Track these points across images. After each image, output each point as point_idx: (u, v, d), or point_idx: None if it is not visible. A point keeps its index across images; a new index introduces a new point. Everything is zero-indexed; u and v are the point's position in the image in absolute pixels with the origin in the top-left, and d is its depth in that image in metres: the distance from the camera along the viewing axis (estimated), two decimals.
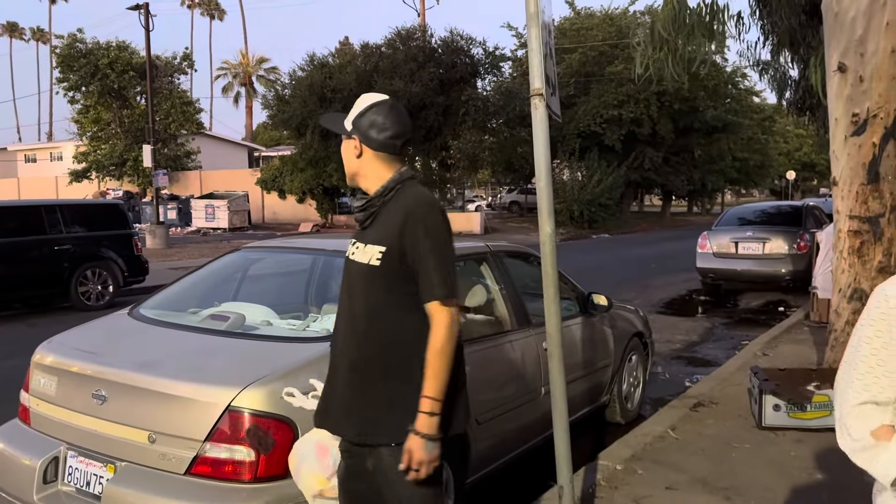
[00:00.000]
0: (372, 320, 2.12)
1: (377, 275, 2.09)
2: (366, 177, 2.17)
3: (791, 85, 10.84)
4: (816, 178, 55.90)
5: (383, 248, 2.08)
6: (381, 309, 2.11)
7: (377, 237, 2.10)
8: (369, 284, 2.11)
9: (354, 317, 2.13)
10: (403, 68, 23.42)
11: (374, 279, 2.10)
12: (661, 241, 23.82)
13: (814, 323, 8.24)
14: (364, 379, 2.11)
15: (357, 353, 2.12)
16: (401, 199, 2.11)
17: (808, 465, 4.03)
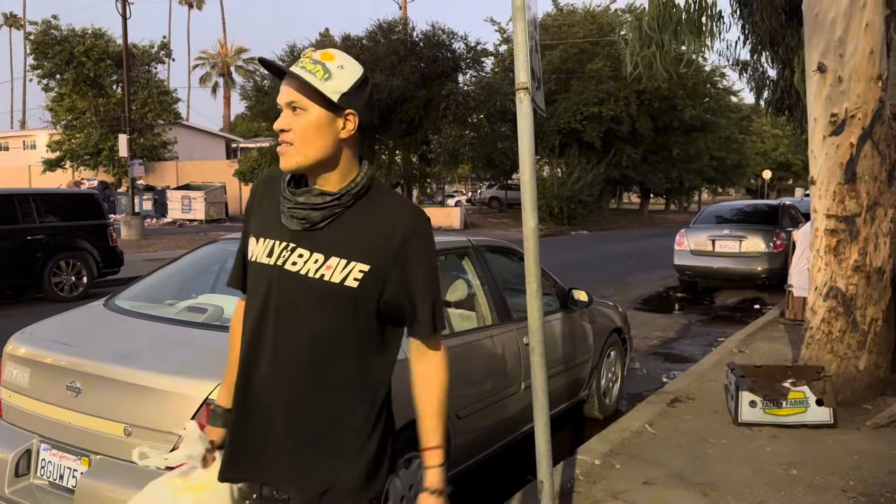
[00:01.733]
0: (326, 353, 1.63)
1: (348, 298, 1.60)
2: (335, 167, 1.63)
3: (769, 85, 10.97)
4: (792, 177, 56.67)
5: (366, 266, 1.60)
6: (342, 341, 1.63)
7: (350, 250, 1.60)
8: (332, 308, 1.61)
9: (295, 346, 1.62)
10: (384, 61, 23.33)
11: (342, 303, 1.61)
12: (639, 239, 24.01)
13: (789, 321, 8.35)
14: (311, 425, 1.65)
15: (300, 394, 1.64)
16: (383, 204, 1.66)
17: (784, 461, 4.07)
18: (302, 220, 1.60)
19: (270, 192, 1.71)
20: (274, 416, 1.65)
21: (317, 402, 1.63)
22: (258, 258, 1.66)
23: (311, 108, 1.57)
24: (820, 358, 5.13)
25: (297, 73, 1.56)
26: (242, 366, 1.70)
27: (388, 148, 26.17)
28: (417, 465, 3.27)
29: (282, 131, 1.58)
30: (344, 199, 1.61)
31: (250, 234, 1.71)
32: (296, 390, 1.63)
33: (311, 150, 1.58)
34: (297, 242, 1.62)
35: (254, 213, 1.74)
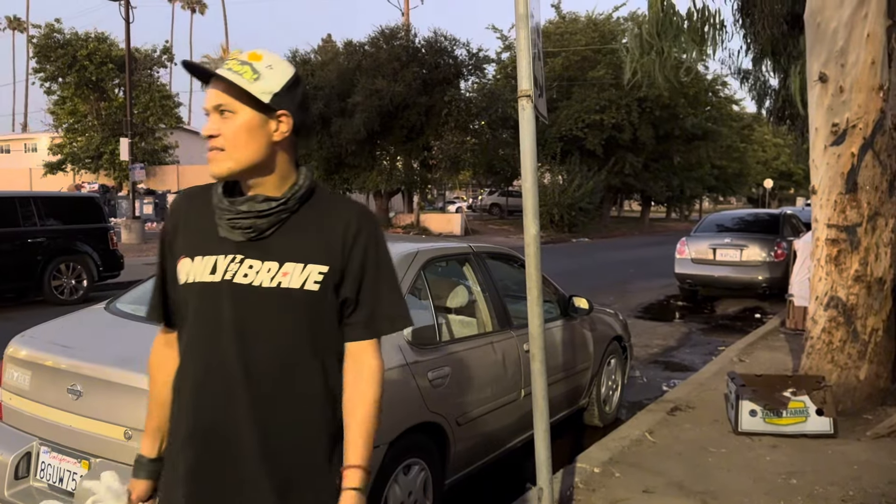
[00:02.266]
0: (290, 372, 1.50)
1: (311, 303, 1.51)
2: (270, 171, 1.53)
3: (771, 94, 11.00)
4: (793, 187, 56.71)
5: (324, 267, 1.52)
6: (307, 352, 1.52)
7: (305, 253, 1.52)
8: (295, 317, 1.51)
9: (258, 365, 1.49)
10: (386, 67, 23.35)
11: (305, 310, 1.51)
12: (640, 247, 24.01)
13: (790, 330, 8.34)
14: (288, 450, 1.52)
15: (272, 417, 1.50)
16: (329, 205, 1.59)
17: (783, 471, 4.06)
18: (247, 230, 1.50)
19: (197, 207, 1.59)
20: (242, 450, 1.49)
21: (290, 424, 1.52)
22: (197, 278, 1.52)
23: (241, 110, 1.48)
24: (820, 368, 5.13)
25: (224, 75, 1.47)
26: (191, 401, 1.52)
27: (390, 154, 26.18)
28: (416, 471, 3.27)
29: (210, 137, 1.49)
30: (290, 202, 1.53)
31: (180, 256, 1.56)
32: (267, 414, 1.50)
33: (244, 155, 1.49)
34: (244, 253, 1.51)
35: (180, 232, 1.59)
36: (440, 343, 3.54)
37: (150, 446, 1.66)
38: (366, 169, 25.17)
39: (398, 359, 3.18)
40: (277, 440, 1.51)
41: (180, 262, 1.55)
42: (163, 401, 1.63)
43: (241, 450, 1.49)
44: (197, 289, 1.52)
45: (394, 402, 3.11)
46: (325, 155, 24.66)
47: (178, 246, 1.58)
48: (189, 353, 1.55)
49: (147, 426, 1.67)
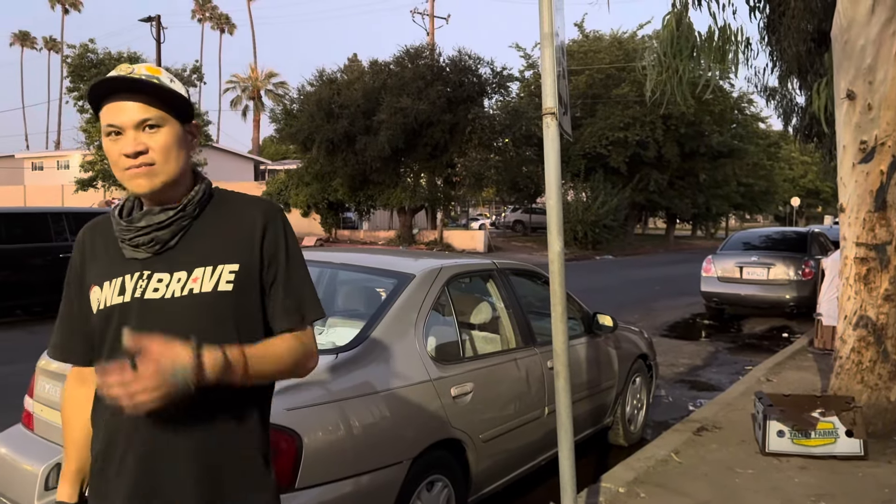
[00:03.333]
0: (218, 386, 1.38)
1: (227, 305, 1.46)
2: (183, 182, 1.51)
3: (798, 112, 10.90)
4: (821, 205, 55.97)
5: (235, 265, 1.48)
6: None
7: (212, 256, 1.48)
8: (212, 324, 1.44)
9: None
10: (411, 86, 23.54)
11: (222, 314, 1.46)
12: (665, 264, 23.80)
13: (818, 350, 8.21)
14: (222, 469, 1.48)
15: (203, 436, 1.45)
16: (232, 204, 1.56)
17: (812, 493, 3.99)
18: (150, 244, 1.46)
19: (101, 236, 1.55)
20: (178, 479, 1.44)
21: (221, 440, 1.47)
22: (108, 302, 1.46)
23: (167, 122, 1.44)
24: (850, 388, 5.04)
25: (164, 84, 1.44)
26: (117, 429, 1.45)
27: (413, 171, 26.31)
28: (440, 488, 3.26)
29: (138, 154, 1.41)
30: (189, 208, 1.48)
31: (90, 286, 1.51)
32: (197, 429, 1.44)
33: (173, 168, 1.45)
34: (151, 269, 1.46)
35: (87, 264, 1.54)
36: (463, 359, 3.55)
37: (69, 491, 1.58)
38: (390, 186, 25.32)
39: (421, 374, 3.19)
40: (209, 458, 1.45)
41: (91, 292, 1.51)
42: (81, 443, 1.56)
43: (176, 472, 1.44)
44: (109, 312, 1.46)
45: (417, 418, 3.12)
46: (349, 172, 24.87)
47: (87, 277, 1.53)
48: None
49: (66, 470, 1.59)
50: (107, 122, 1.44)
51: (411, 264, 3.72)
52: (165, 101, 1.44)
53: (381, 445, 2.92)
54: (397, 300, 3.32)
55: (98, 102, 1.45)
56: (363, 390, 2.92)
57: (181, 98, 1.47)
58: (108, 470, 1.47)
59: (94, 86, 1.42)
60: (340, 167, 24.88)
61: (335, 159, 24.79)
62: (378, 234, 28.90)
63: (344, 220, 30.58)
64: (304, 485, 2.59)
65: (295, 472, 2.56)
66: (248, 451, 1.52)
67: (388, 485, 2.94)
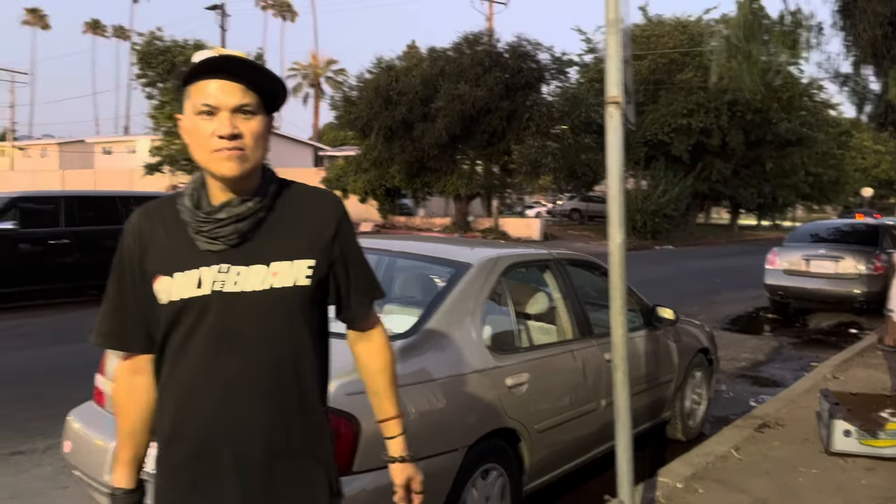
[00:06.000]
0: (293, 373, 1.49)
1: (305, 301, 1.50)
2: (258, 173, 1.52)
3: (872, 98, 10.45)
4: (894, 196, 53.58)
5: (312, 261, 1.50)
6: (306, 352, 1.52)
7: (290, 250, 1.49)
8: (291, 318, 1.49)
9: (258, 376, 1.46)
10: (469, 72, 23.44)
11: (300, 308, 1.50)
12: (728, 255, 23.21)
13: (888, 347, 7.85)
14: (298, 465, 1.53)
15: (276, 431, 1.49)
16: (300, 196, 1.57)
17: (880, 496, 3.86)
18: (230, 236, 1.45)
19: (162, 224, 1.52)
20: (245, 471, 1.47)
21: (294, 434, 1.51)
22: (182, 295, 1.45)
23: (260, 111, 1.45)
24: None
25: (272, 73, 1.45)
26: (179, 427, 1.48)
27: (470, 158, 26.25)
28: (494, 476, 3.27)
29: (234, 136, 1.41)
30: (267, 201, 1.50)
31: (155, 275, 1.48)
32: (277, 418, 1.48)
33: (258, 157, 1.47)
34: (229, 261, 1.46)
35: (148, 251, 1.51)
36: (519, 349, 3.54)
37: (127, 477, 1.58)
38: (446, 173, 25.33)
39: (477, 363, 3.19)
40: (288, 443, 1.50)
41: (157, 282, 1.47)
42: (137, 430, 1.57)
43: (245, 474, 1.47)
44: (183, 305, 1.45)
45: (472, 406, 3.13)
46: (406, 159, 24.97)
47: (149, 266, 1.50)
48: (185, 369, 1.47)
49: (121, 457, 1.59)
50: (202, 100, 1.41)
51: (468, 253, 3.72)
52: (262, 90, 1.45)
53: (437, 432, 2.94)
54: (454, 289, 3.33)
55: (192, 78, 1.43)
56: (420, 377, 2.94)
57: (281, 91, 1.48)
58: (173, 457, 1.50)
59: (204, 61, 1.39)
60: (398, 154, 24.99)
61: (393, 146, 24.91)
62: (434, 220, 28.99)
63: (400, 206, 30.75)
64: (361, 469, 2.63)
65: (352, 455, 2.61)
66: (308, 439, 1.54)
67: (443, 471, 2.96)
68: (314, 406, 1.55)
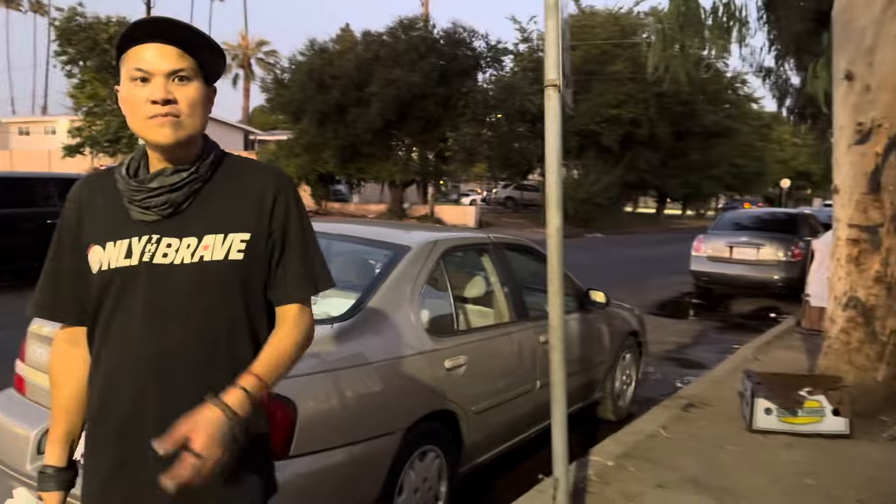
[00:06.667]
0: (222, 348, 1.44)
1: (237, 275, 1.44)
2: (196, 143, 1.47)
3: (792, 92, 10.90)
4: (811, 187, 56.17)
5: (246, 234, 1.45)
6: (241, 330, 1.47)
7: (224, 223, 1.45)
8: (221, 292, 1.43)
9: (185, 350, 1.41)
10: (404, 57, 23.29)
11: (231, 283, 1.44)
12: (655, 243, 23.89)
13: (805, 330, 8.27)
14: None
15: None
16: (242, 169, 1.53)
17: (799, 470, 4.04)
18: (162, 206, 1.41)
19: (100, 194, 1.48)
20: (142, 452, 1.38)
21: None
22: (112, 264, 1.41)
23: (197, 77, 1.40)
24: (837, 368, 5.09)
25: (209, 37, 1.40)
26: (106, 404, 1.43)
27: (405, 144, 26.16)
28: (432, 458, 3.28)
29: (168, 101, 1.36)
30: (202, 170, 1.44)
31: (89, 245, 1.45)
32: (201, 393, 1.38)
33: (196, 125, 1.42)
34: (160, 232, 1.42)
35: (85, 221, 1.48)
36: (458, 332, 3.55)
37: (59, 455, 1.53)
38: (381, 159, 25.16)
39: (416, 346, 3.19)
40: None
41: (90, 251, 1.45)
42: (71, 405, 1.52)
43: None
44: (112, 275, 1.42)
45: (410, 389, 3.13)
46: (340, 144, 24.66)
47: (84, 235, 1.47)
48: (113, 343, 1.43)
49: (54, 434, 1.54)
50: (136, 65, 1.37)
51: (407, 236, 3.70)
52: (199, 56, 1.40)
53: (374, 415, 2.93)
54: (393, 272, 3.31)
55: (127, 45, 1.38)
56: (358, 360, 2.92)
57: (218, 55, 1.44)
58: (100, 434, 1.46)
59: (136, 24, 1.35)
60: (331, 139, 24.65)
61: (326, 131, 24.56)
62: (368, 207, 28.80)
63: (334, 192, 30.42)
64: (298, 452, 2.60)
65: (289, 440, 2.57)
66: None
67: (381, 454, 2.95)
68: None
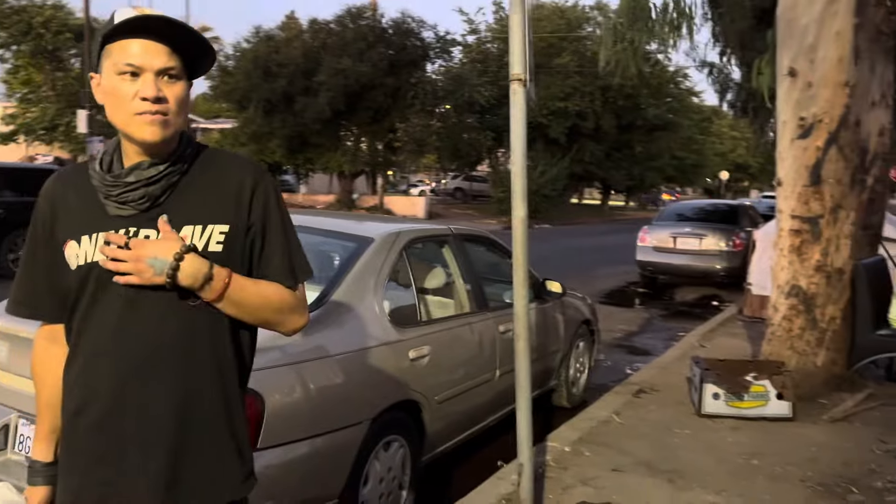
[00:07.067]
0: (201, 340, 1.44)
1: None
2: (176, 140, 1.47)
3: (733, 87, 11.24)
4: (748, 179, 57.94)
5: (225, 226, 1.45)
6: (220, 323, 1.46)
7: (203, 215, 1.44)
8: None
9: (163, 345, 1.40)
10: (352, 47, 23.08)
11: None
12: (601, 234, 24.34)
13: (747, 318, 8.58)
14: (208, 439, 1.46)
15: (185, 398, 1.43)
16: (218, 161, 1.51)
17: (745, 451, 4.22)
18: (140, 200, 1.40)
19: (74, 189, 1.47)
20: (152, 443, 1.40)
21: (204, 406, 1.45)
22: (89, 258, 1.40)
23: (184, 76, 1.41)
24: (780, 354, 5.31)
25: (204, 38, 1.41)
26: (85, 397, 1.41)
27: (354, 135, 25.96)
28: (396, 448, 3.31)
29: (159, 100, 1.36)
30: (178, 164, 1.44)
31: (66, 240, 1.43)
32: (180, 397, 1.41)
33: (179, 124, 1.42)
34: (138, 225, 1.40)
35: (60, 218, 1.46)
36: (421, 322, 3.59)
37: (45, 450, 1.54)
38: (329, 149, 24.92)
39: (381, 337, 3.21)
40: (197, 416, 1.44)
41: (67, 247, 1.43)
42: (54, 402, 1.50)
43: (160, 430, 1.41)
44: (89, 269, 1.40)
45: (376, 380, 3.15)
46: (287, 133, 24.32)
47: (59, 231, 1.45)
48: (92, 337, 1.42)
49: (39, 430, 1.55)
50: (126, 59, 1.35)
51: (370, 228, 3.71)
52: (187, 54, 1.40)
53: (341, 406, 2.94)
54: (356, 264, 3.32)
55: (113, 37, 1.36)
56: (324, 352, 2.92)
57: (209, 55, 1.44)
58: (79, 427, 1.43)
59: (131, 19, 1.34)
60: (278, 128, 24.28)
61: (273, 120, 24.18)
62: (317, 197, 28.51)
63: (281, 182, 30.02)
64: (266, 445, 2.60)
65: (257, 433, 2.56)
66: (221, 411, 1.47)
67: (347, 444, 2.97)
68: (230, 379, 1.48)
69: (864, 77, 5.25)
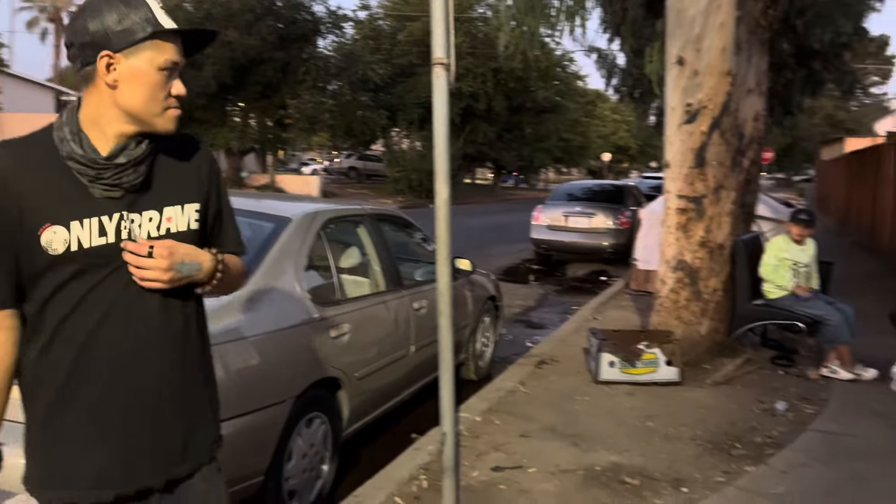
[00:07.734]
0: (192, 318, 1.55)
1: (196, 244, 1.52)
2: None
3: (618, 72, 11.75)
4: (628, 160, 60.62)
5: (197, 203, 1.53)
6: (199, 299, 1.58)
7: (176, 194, 1.50)
8: None
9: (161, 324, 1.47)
10: (239, 18, 22.26)
11: None
12: (495, 213, 24.85)
13: (633, 291, 9.12)
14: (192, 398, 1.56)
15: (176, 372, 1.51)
16: (171, 141, 1.52)
17: (641, 415, 4.55)
18: (133, 181, 1.43)
19: (31, 170, 1.40)
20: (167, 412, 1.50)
21: (193, 373, 1.56)
22: (85, 244, 1.39)
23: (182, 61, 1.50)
24: (668, 324, 5.71)
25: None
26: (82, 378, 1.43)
27: (242, 110, 25.15)
28: (318, 424, 3.36)
29: (179, 98, 1.47)
30: (153, 143, 1.47)
31: (43, 224, 1.38)
32: (179, 364, 1.52)
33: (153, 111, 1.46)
34: (125, 208, 1.43)
35: (24, 201, 1.38)
36: (340, 301, 3.64)
37: None
38: (216, 125, 24.03)
39: (302, 316, 3.25)
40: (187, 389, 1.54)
41: (45, 232, 1.37)
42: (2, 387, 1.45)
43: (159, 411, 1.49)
44: (87, 254, 1.40)
45: (299, 358, 3.19)
46: None
47: (29, 215, 1.38)
48: (83, 323, 1.42)
49: None
50: (171, 58, 1.43)
51: (286, 208, 3.71)
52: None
53: (266, 384, 2.96)
54: (276, 244, 3.33)
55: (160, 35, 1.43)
56: (246, 332, 2.93)
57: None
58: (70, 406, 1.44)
59: (188, 29, 1.48)
60: None
61: None
62: None
63: None
64: None
65: None
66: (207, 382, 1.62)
67: (272, 423, 3.00)
68: (208, 353, 1.63)
69: (743, 66, 5.68)
